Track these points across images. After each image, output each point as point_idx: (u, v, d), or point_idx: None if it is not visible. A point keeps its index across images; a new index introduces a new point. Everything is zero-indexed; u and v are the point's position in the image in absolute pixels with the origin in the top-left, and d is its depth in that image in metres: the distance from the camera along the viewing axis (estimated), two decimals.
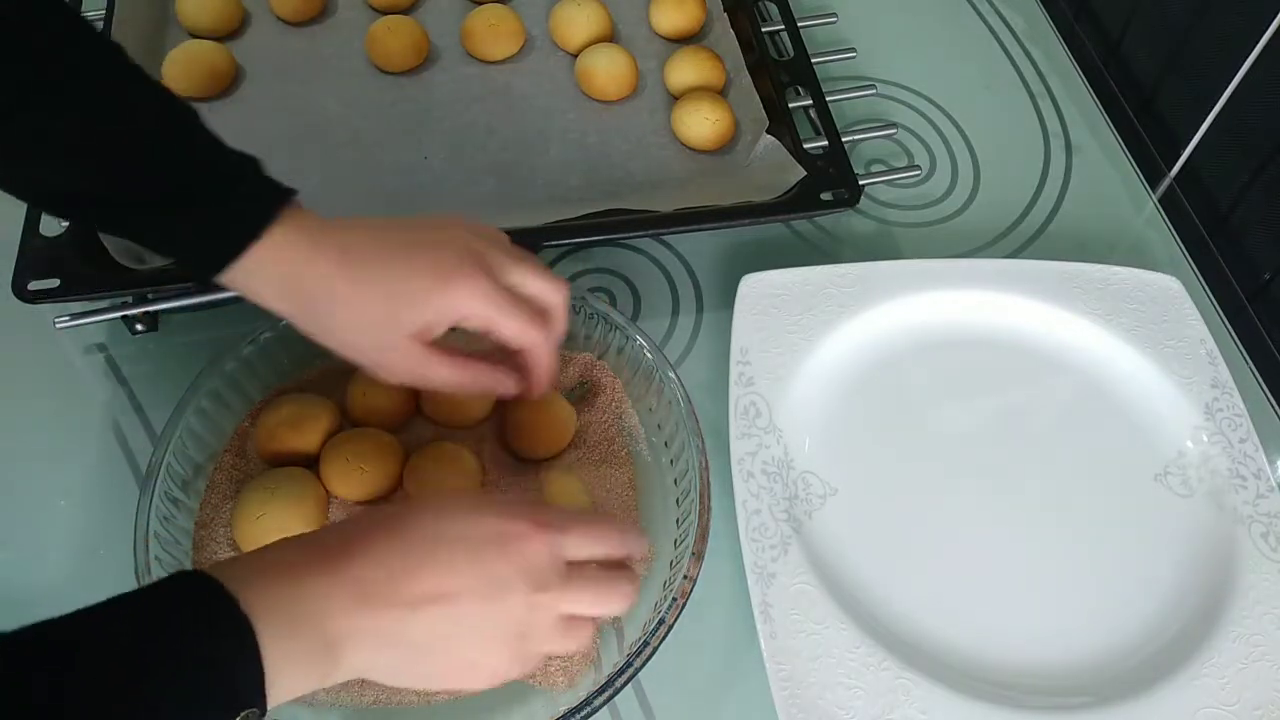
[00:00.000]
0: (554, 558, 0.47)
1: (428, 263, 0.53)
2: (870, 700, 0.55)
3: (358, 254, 0.53)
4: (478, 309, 0.53)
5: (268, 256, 0.52)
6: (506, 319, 0.54)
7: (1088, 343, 0.70)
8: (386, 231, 0.54)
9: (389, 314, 0.52)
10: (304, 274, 0.52)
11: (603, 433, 0.64)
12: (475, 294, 0.53)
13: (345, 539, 0.45)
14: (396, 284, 0.52)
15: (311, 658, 0.41)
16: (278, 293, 0.53)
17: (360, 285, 0.52)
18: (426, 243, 0.54)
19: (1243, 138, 0.76)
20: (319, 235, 0.53)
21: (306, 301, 0.53)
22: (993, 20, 0.94)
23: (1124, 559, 0.62)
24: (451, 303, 0.53)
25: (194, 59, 0.77)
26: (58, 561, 0.61)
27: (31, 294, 0.63)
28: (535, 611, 0.46)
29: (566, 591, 0.47)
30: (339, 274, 0.52)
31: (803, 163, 0.73)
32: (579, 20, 0.82)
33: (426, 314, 0.53)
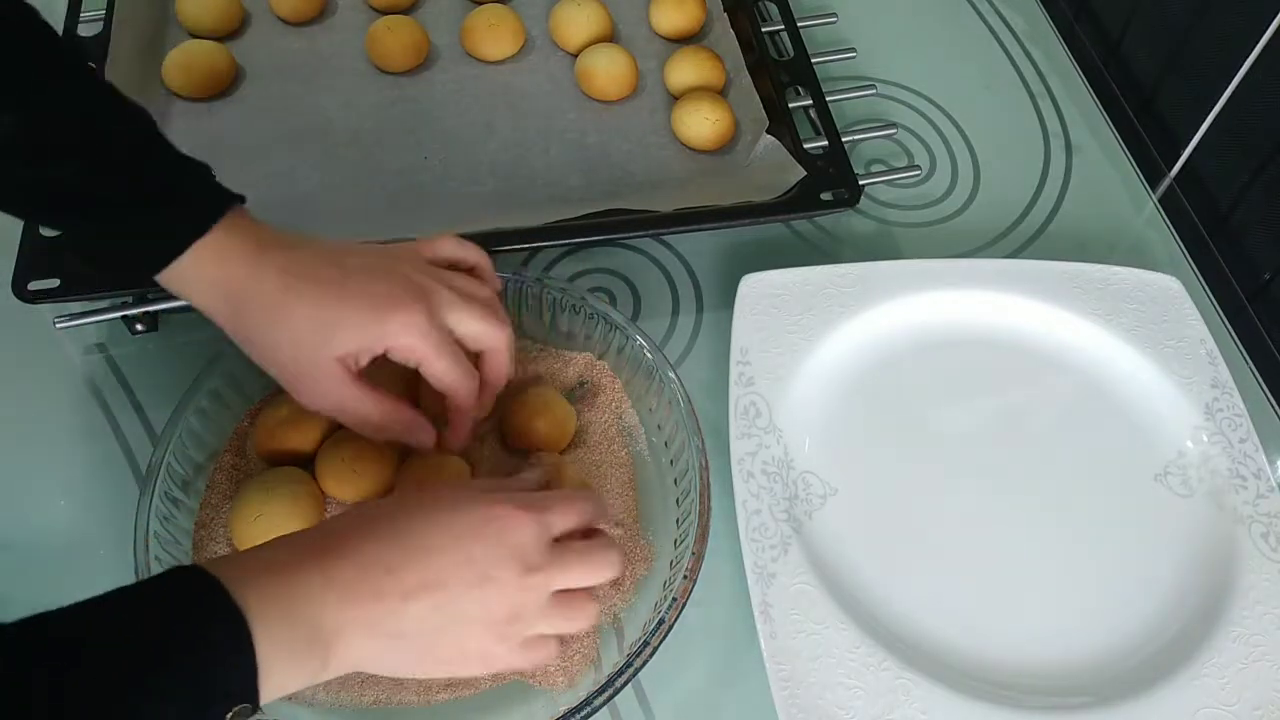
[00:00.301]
0: (540, 537, 0.48)
1: (367, 290, 0.53)
2: (870, 700, 0.55)
3: (298, 270, 0.53)
4: (407, 343, 0.53)
5: (208, 259, 0.52)
6: (435, 358, 0.53)
7: (1088, 343, 0.70)
8: (333, 254, 0.54)
9: (318, 334, 0.52)
10: (241, 283, 0.52)
11: (603, 433, 0.64)
12: (408, 327, 0.52)
13: (336, 536, 0.45)
14: (331, 306, 0.52)
15: (305, 652, 0.42)
16: (212, 298, 0.53)
17: (295, 302, 0.52)
18: (371, 269, 0.54)
19: (1243, 138, 0.76)
20: (263, 247, 0.53)
21: (239, 311, 0.53)
22: (993, 20, 0.94)
23: (1124, 559, 0.62)
24: (382, 332, 0.52)
25: (194, 59, 0.77)
26: (58, 561, 0.61)
27: (31, 294, 0.63)
28: (527, 593, 0.47)
29: (556, 568, 0.48)
30: (276, 287, 0.52)
31: (803, 163, 0.73)
32: (579, 20, 0.82)
33: (356, 340, 0.52)
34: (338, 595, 0.43)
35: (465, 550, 0.46)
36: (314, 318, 0.52)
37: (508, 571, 0.46)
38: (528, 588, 0.47)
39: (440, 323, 0.54)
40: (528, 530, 0.47)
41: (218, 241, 0.52)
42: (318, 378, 0.53)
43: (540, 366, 0.67)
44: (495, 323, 0.56)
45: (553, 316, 0.67)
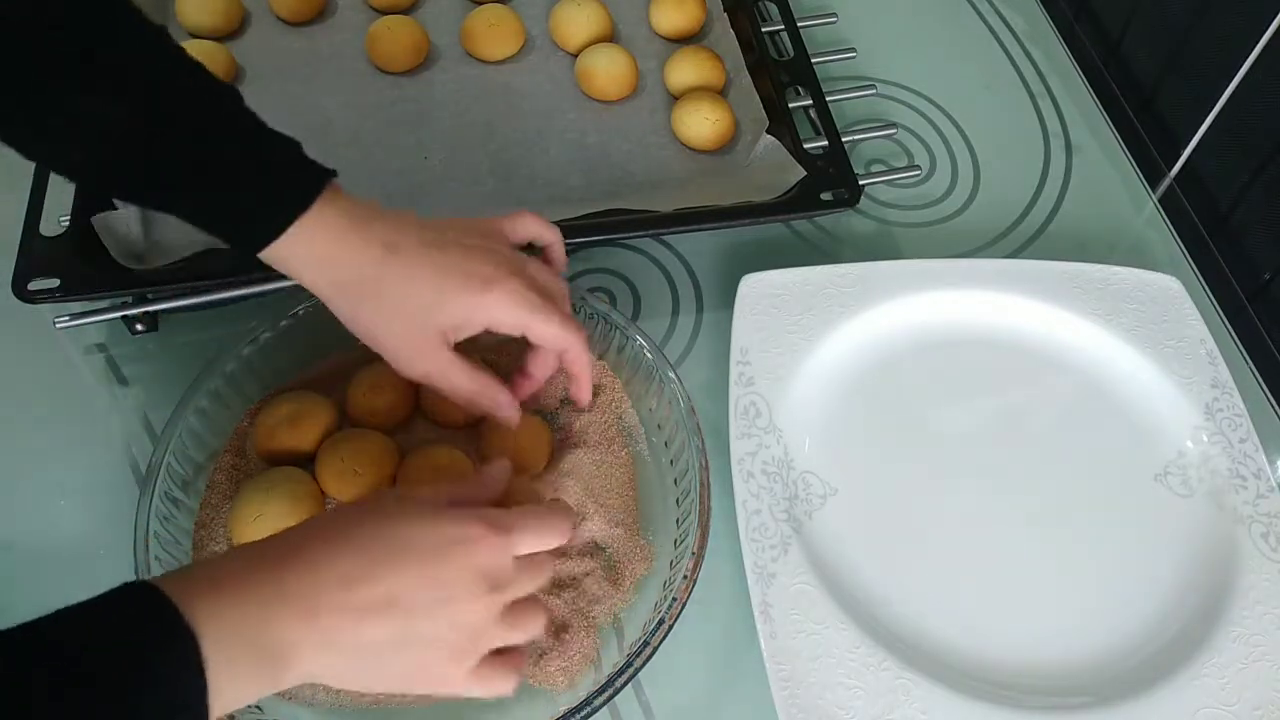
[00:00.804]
0: (505, 559, 0.47)
1: (467, 267, 0.54)
2: (870, 700, 0.55)
3: (403, 248, 0.54)
4: (510, 314, 0.54)
5: (313, 236, 0.53)
6: (543, 323, 0.55)
7: (1088, 343, 0.70)
8: (430, 230, 0.55)
9: (425, 310, 0.54)
10: (347, 259, 0.53)
11: (603, 433, 0.64)
12: (513, 300, 0.54)
13: (294, 547, 0.44)
14: (437, 280, 0.53)
15: (257, 667, 0.41)
16: (317, 274, 0.54)
17: (401, 276, 0.53)
18: (469, 248, 0.55)
19: (1243, 138, 0.76)
20: (364, 223, 0.53)
21: (345, 287, 0.54)
22: (993, 20, 0.94)
23: (1124, 559, 0.62)
24: (488, 305, 0.54)
25: None
26: (58, 561, 0.61)
27: (31, 294, 0.63)
28: (486, 612, 0.46)
29: (514, 584, 0.48)
30: (383, 265, 0.53)
31: (803, 163, 0.73)
32: (579, 20, 0.82)
33: (462, 314, 0.54)
34: (293, 610, 0.42)
35: (430, 570, 0.45)
36: (420, 292, 0.53)
37: (467, 592, 0.46)
38: (486, 607, 0.46)
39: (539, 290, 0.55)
40: (492, 551, 0.47)
41: (320, 216, 0.52)
42: (420, 348, 0.54)
43: None
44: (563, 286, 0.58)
45: None
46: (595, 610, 0.58)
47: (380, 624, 0.44)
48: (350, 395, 0.63)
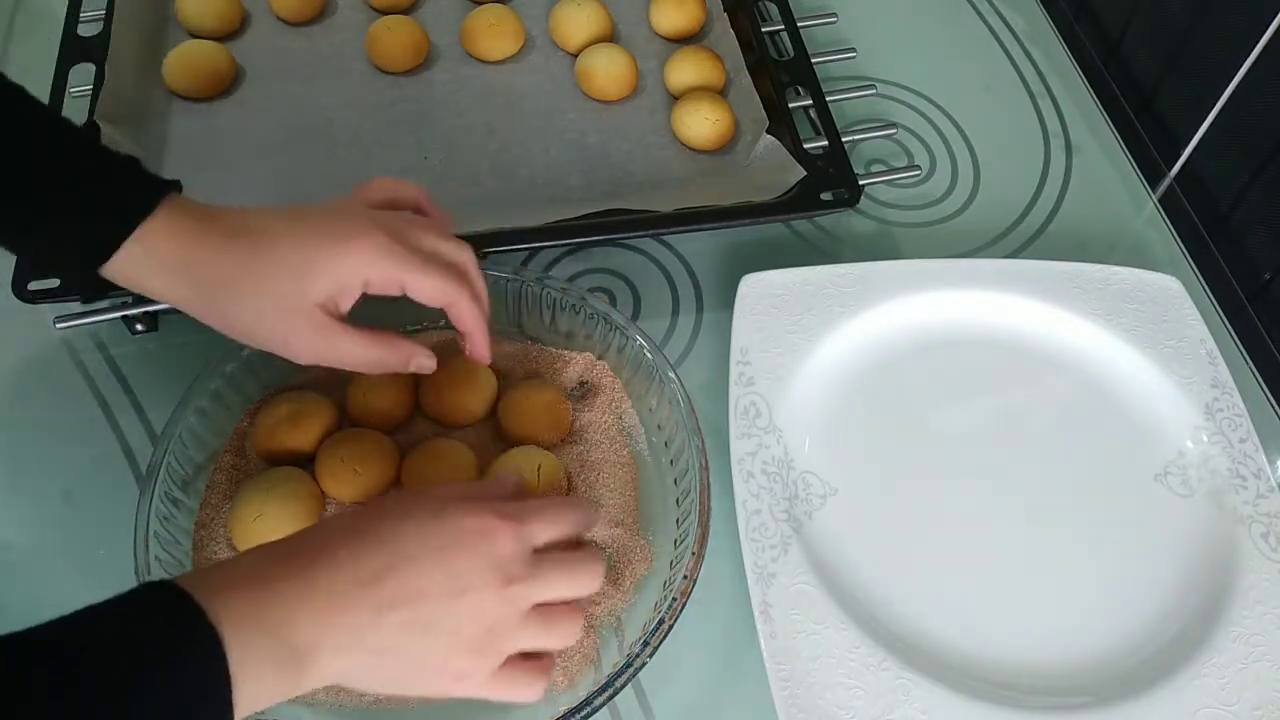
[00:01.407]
0: (521, 549, 0.47)
1: (326, 229, 0.52)
2: (870, 700, 0.55)
3: (253, 230, 0.51)
4: (384, 269, 0.51)
5: (157, 239, 0.51)
6: (418, 276, 0.52)
7: (1088, 343, 0.70)
8: (281, 209, 0.53)
9: (291, 284, 0.51)
10: (197, 255, 0.51)
11: (603, 433, 0.64)
12: (379, 251, 0.51)
13: (312, 546, 0.44)
14: (296, 253, 0.51)
15: (279, 666, 0.41)
16: (169, 279, 0.52)
17: (258, 259, 0.51)
18: (325, 212, 0.53)
19: (1243, 138, 0.76)
20: (210, 217, 0.52)
21: (202, 285, 0.52)
22: (993, 20, 0.94)
23: (1124, 559, 0.62)
24: (355, 264, 0.51)
25: (194, 59, 0.77)
26: (58, 561, 0.61)
27: (31, 294, 0.63)
28: (506, 605, 0.46)
29: (536, 580, 0.47)
30: (235, 251, 0.51)
31: (803, 163, 0.73)
32: (579, 20, 0.82)
33: (331, 279, 0.51)
34: (312, 608, 0.42)
35: (446, 562, 0.45)
36: (285, 268, 0.51)
37: (485, 582, 0.45)
38: (507, 600, 0.46)
39: (408, 244, 0.53)
40: (508, 541, 0.46)
41: (167, 220, 0.51)
42: (305, 330, 0.52)
43: (540, 366, 0.67)
44: (455, 241, 0.55)
45: (553, 316, 0.67)
46: (595, 610, 0.58)
47: (398, 619, 0.43)
48: (350, 395, 0.63)
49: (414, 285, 0.53)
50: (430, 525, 0.46)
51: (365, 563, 0.44)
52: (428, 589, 0.44)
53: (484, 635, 0.45)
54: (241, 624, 0.40)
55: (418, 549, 0.45)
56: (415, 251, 0.53)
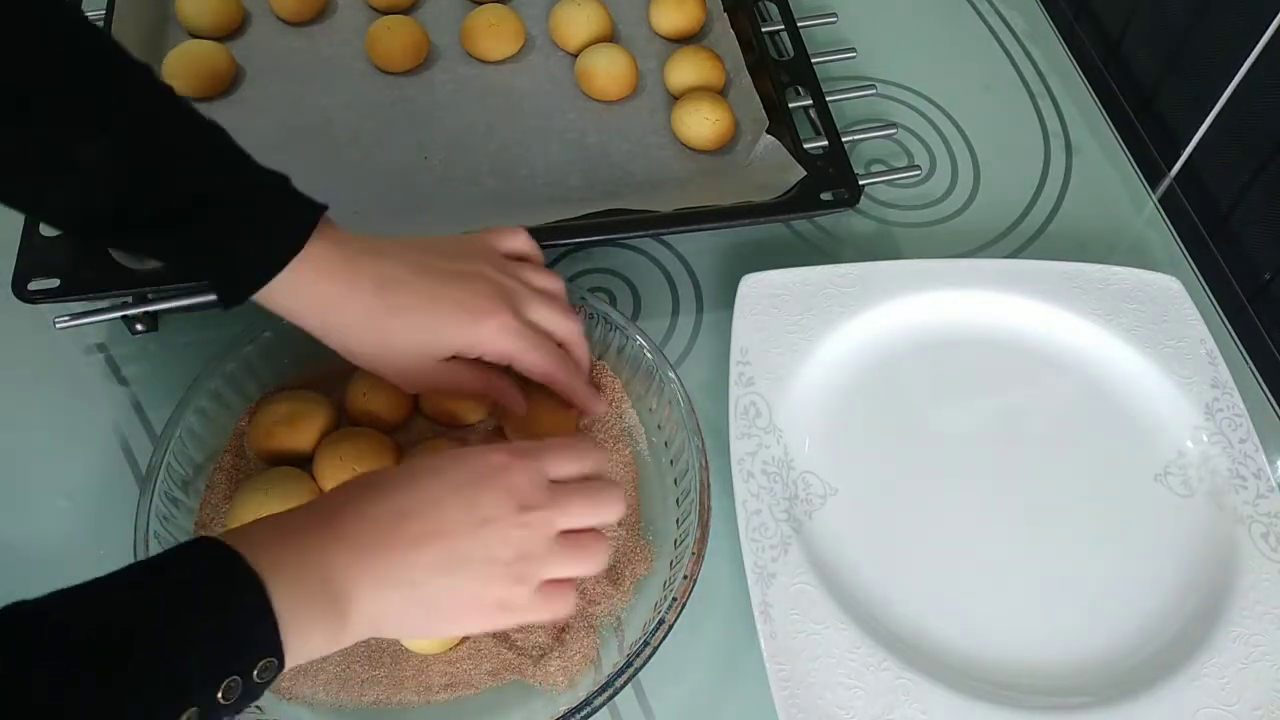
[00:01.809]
0: (537, 479, 0.49)
1: (458, 300, 0.55)
2: (870, 700, 0.55)
3: (393, 286, 0.55)
4: (502, 348, 0.56)
5: (303, 280, 0.53)
6: (530, 355, 0.57)
7: (1088, 343, 0.70)
8: (421, 258, 0.56)
9: (420, 345, 0.55)
10: (339, 301, 0.54)
11: (603, 433, 0.64)
12: (503, 332, 0.56)
13: (339, 501, 0.46)
14: (429, 319, 0.55)
15: (322, 611, 0.43)
16: (309, 314, 0.55)
17: (395, 318, 0.55)
18: (460, 276, 0.56)
19: (1243, 138, 0.76)
20: (355, 261, 0.54)
21: (341, 327, 0.55)
22: (993, 20, 0.94)
23: (1124, 559, 0.62)
24: (478, 339, 0.56)
25: (194, 59, 0.77)
26: (58, 561, 0.61)
27: (31, 294, 0.63)
28: (529, 529, 0.47)
29: (555, 506, 0.48)
30: (375, 305, 0.54)
31: (803, 163, 0.73)
32: (579, 20, 0.82)
33: (455, 347, 0.56)
34: (347, 550, 0.44)
35: (466, 497, 0.47)
36: (414, 333, 0.55)
37: (505, 511, 0.47)
38: (527, 524, 0.47)
39: (526, 320, 0.57)
40: (522, 472, 0.48)
41: (311, 258, 0.53)
42: (419, 373, 0.56)
43: None
44: (569, 315, 0.59)
45: None
46: (595, 610, 0.58)
47: (430, 553, 0.45)
48: (349, 395, 0.63)
49: (522, 362, 0.57)
50: (446, 468, 0.48)
51: (389, 507, 0.46)
52: (451, 524, 0.46)
53: (516, 562, 0.47)
54: (281, 571, 0.42)
55: (438, 490, 0.47)
56: (530, 329, 0.57)
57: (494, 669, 0.56)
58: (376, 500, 0.46)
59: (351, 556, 0.44)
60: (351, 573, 0.44)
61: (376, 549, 0.45)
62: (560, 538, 0.49)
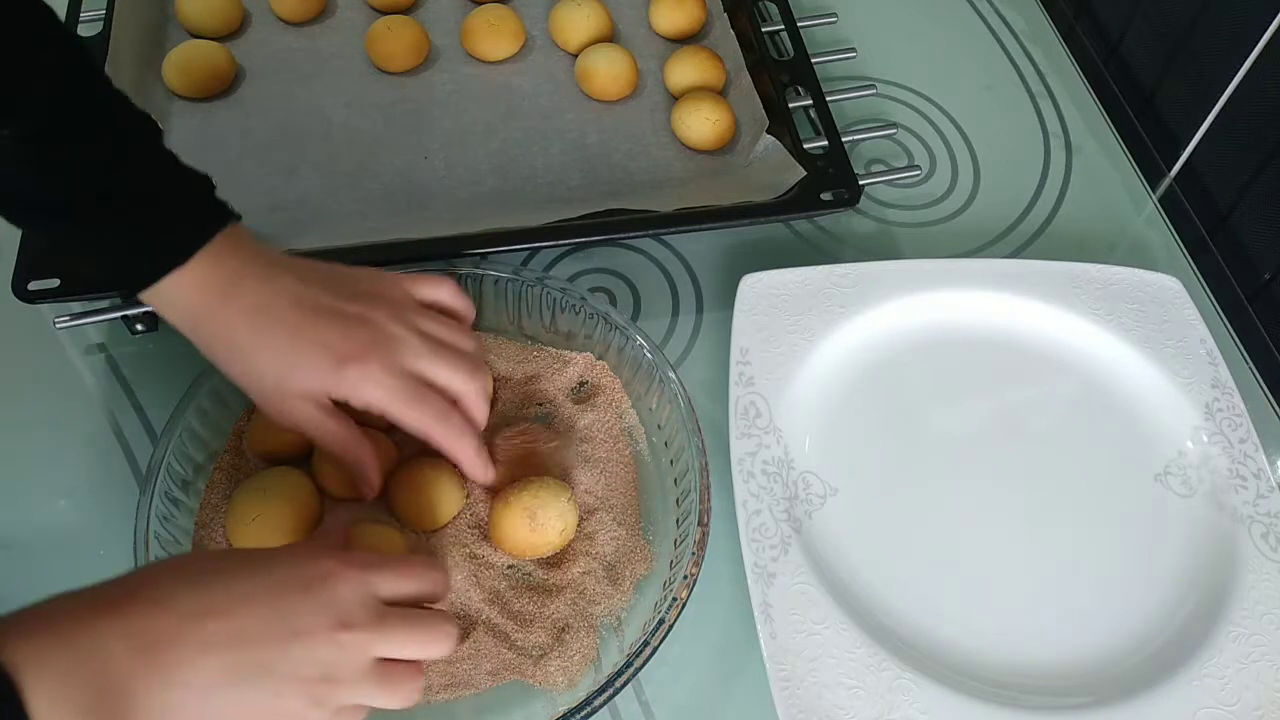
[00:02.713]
0: (363, 596, 0.45)
1: (324, 339, 0.53)
2: (870, 701, 0.55)
3: (264, 313, 0.53)
4: (365, 393, 0.54)
5: (184, 287, 0.53)
6: (399, 407, 0.54)
7: (1088, 343, 0.70)
8: (307, 290, 0.54)
9: (279, 374, 0.53)
10: (212, 318, 0.53)
11: (603, 432, 0.64)
12: (364, 380, 0.53)
13: (143, 582, 0.43)
14: (292, 358, 0.53)
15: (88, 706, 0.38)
16: (182, 322, 0.54)
17: (256, 345, 0.53)
18: (343, 317, 0.54)
19: (1243, 138, 0.76)
20: (238, 281, 0.53)
21: (207, 340, 0.54)
22: (993, 20, 0.94)
23: (1124, 559, 0.62)
24: (338, 381, 0.53)
25: (194, 59, 0.77)
26: (58, 561, 0.61)
27: (31, 294, 0.63)
28: (343, 651, 0.44)
29: (380, 631, 0.45)
30: (243, 329, 0.53)
31: (803, 163, 0.73)
32: (579, 20, 0.82)
33: (314, 384, 0.53)
34: (130, 645, 0.40)
35: (279, 603, 0.43)
36: (273, 361, 0.53)
37: (319, 625, 0.43)
38: (341, 645, 0.43)
39: (404, 370, 0.54)
40: (349, 586, 0.45)
41: (195, 270, 0.52)
42: (281, 405, 0.55)
43: (540, 366, 0.67)
44: (465, 370, 0.56)
45: (553, 316, 0.67)
46: (595, 610, 0.58)
47: (222, 659, 0.41)
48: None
49: (391, 414, 0.54)
50: (266, 566, 0.44)
51: (194, 599, 0.42)
52: (257, 630, 0.42)
53: (318, 683, 0.43)
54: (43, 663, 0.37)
55: (250, 589, 0.43)
56: (407, 381, 0.54)
57: (494, 669, 0.56)
58: (179, 590, 0.42)
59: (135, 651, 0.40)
60: (131, 669, 0.39)
61: (165, 646, 0.40)
62: (374, 665, 0.45)
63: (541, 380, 0.66)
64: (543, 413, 0.66)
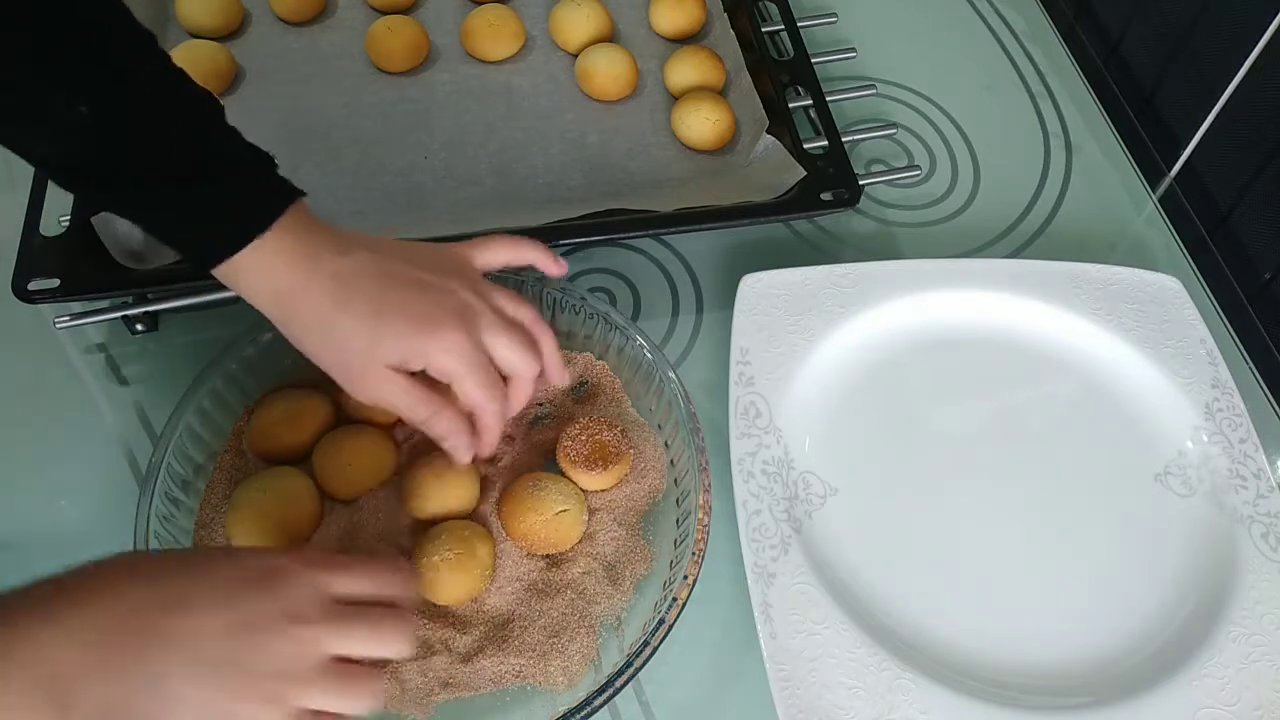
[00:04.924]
0: (317, 593, 0.44)
1: (409, 309, 0.53)
2: (870, 701, 0.55)
3: (351, 285, 0.53)
4: (445, 363, 0.54)
5: (262, 261, 0.52)
6: (468, 379, 0.54)
7: (1088, 343, 0.70)
8: (386, 262, 0.55)
9: (365, 345, 0.53)
10: (293, 289, 0.53)
11: None
12: (448, 350, 0.53)
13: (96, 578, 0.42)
14: (375, 322, 0.53)
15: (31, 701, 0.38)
16: (263, 298, 0.54)
17: (342, 315, 0.53)
18: (420, 285, 0.54)
19: (1243, 138, 0.76)
20: (317, 253, 0.53)
21: (293, 315, 0.54)
22: (993, 20, 0.94)
23: (1124, 559, 0.62)
24: (423, 350, 0.53)
25: (194, 59, 0.77)
26: (58, 561, 0.60)
27: (31, 294, 0.63)
28: (295, 645, 0.42)
29: (331, 627, 0.44)
30: (326, 299, 0.53)
31: (803, 163, 0.73)
32: (579, 20, 0.82)
33: (399, 354, 0.53)
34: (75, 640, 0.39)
35: (235, 600, 0.42)
36: (359, 332, 0.53)
37: (270, 619, 0.42)
38: (293, 638, 0.42)
39: (478, 343, 0.55)
40: (300, 582, 0.44)
41: (274, 243, 0.52)
42: (366, 379, 0.54)
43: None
44: (529, 353, 0.57)
45: (553, 316, 0.67)
46: (595, 610, 0.58)
47: (179, 657, 0.40)
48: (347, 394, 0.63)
49: (459, 386, 0.55)
50: (220, 564, 0.44)
51: (140, 595, 0.41)
52: (210, 626, 0.41)
53: (272, 679, 0.42)
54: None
55: (204, 587, 0.42)
56: (480, 355, 0.55)
57: (494, 670, 0.56)
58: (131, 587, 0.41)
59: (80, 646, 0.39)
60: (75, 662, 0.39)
61: (110, 641, 0.39)
62: (329, 663, 0.43)
63: (541, 380, 0.66)
64: (543, 412, 0.66)
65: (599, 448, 0.61)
